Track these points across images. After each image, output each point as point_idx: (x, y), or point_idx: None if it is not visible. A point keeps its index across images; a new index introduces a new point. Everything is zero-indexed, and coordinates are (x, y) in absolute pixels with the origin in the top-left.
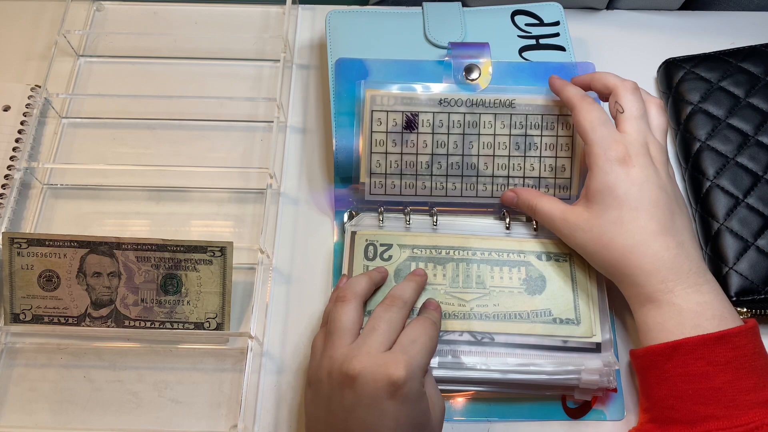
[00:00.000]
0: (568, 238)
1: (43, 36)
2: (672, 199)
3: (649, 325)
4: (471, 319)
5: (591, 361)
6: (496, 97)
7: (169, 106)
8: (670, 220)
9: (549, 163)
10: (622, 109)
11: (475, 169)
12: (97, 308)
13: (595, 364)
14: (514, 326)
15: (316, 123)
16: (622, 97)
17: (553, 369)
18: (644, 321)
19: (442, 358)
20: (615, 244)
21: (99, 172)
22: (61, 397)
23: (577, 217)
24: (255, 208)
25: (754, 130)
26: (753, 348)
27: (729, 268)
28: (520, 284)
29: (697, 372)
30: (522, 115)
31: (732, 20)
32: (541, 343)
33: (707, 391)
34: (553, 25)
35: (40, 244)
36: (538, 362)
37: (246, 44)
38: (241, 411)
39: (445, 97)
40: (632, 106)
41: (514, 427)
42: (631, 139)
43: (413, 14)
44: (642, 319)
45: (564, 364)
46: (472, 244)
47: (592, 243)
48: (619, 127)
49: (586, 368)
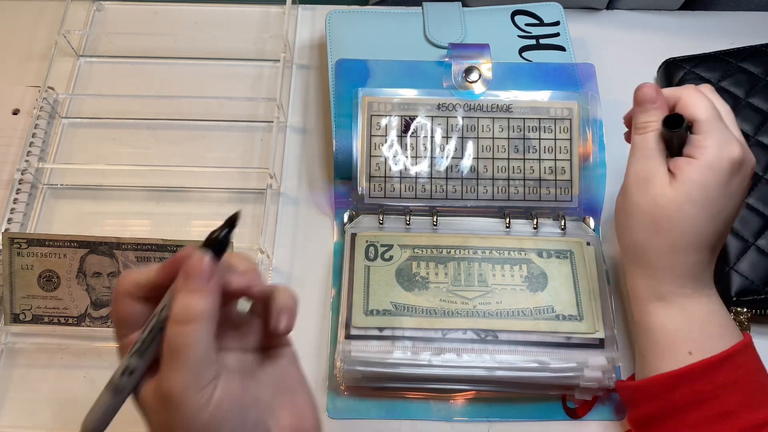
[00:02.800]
0: (634, 192)
1: (43, 36)
2: (734, 219)
3: (651, 325)
4: (474, 317)
5: (594, 358)
6: (493, 102)
7: (169, 106)
8: (723, 238)
9: (548, 165)
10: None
11: (475, 172)
12: (97, 308)
13: (599, 361)
14: (518, 323)
15: (316, 123)
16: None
17: (557, 366)
18: (647, 318)
19: (446, 356)
20: (669, 235)
21: (99, 172)
22: (61, 397)
23: (661, 188)
24: (255, 208)
25: (755, 130)
26: (754, 364)
27: (729, 268)
28: (522, 281)
29: (708, 397)
30: (520, 119)
31: (732, 20)
32: (545, 339)
33: (720, 416)
34: (553, 25)
35: (40, 244)
36: (542, 359)
37: (246, 44)
38: None
39: (443, 102)
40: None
41: (514, 427)
42: (745, 148)
43: (413, 14)
44: (645, 315)
45: (568, 360)
46: (473, 242)
47: (648, 217)
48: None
49: (590, 365)
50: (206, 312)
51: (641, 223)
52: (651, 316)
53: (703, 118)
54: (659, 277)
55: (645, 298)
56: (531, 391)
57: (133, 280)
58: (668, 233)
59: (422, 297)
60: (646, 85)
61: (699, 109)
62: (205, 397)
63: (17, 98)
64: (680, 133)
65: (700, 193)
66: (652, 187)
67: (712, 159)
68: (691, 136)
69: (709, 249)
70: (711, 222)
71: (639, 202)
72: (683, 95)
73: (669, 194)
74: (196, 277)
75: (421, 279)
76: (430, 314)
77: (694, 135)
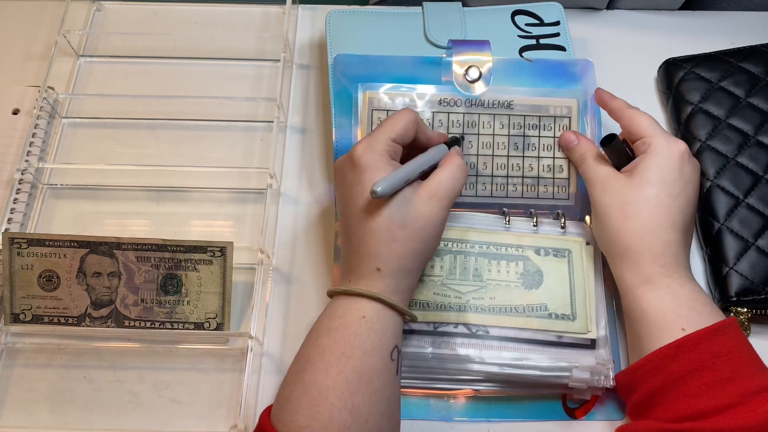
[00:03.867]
0: (596, 196)
1: (43, 36)
2: (695, 205)
3: (643, 308)
4: (466, 311)
5: (585, 358)
6: (494, 98)
7: (169, 106)
8: (690, 221)
9: (547, 163)
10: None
11: (474, 169)
12: (97, 308)
13: (588, 362)
14: (510, 320)
15: (316, 123)
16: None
17: (546, 365)
18: (638, 304)
19: (436, 349)
20: (638, 217)
21: (99, 172)
22: (61, 397)
23: (617, 182)
24: (255, 208)
25: (755, 130)
26: (744, 339)
27: (729, 268)
28: (517, 278)
29: (705, 366)
30: (520, 116)
31: (732, 20)
32: (536, 337)
33: (718, 383)
34: (554, 25)
35: (40, 244)
36: (531, 357)
37: (246, 44)
38: (241, 411)
39: (444, 98)
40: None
41: (514, 427)
42: (688, 147)
43: (413, 14)
44: (635, 302)
45: (557, 359)
46: (471, 236)
47: (615, 208)
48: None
49: (579, 365)
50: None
51: (611, 217)
52: (641, 300)
53: (647, 124)
54: (642, 261)
55: (632, 284)
56: (528, 390)
57: (419, 124)
58: (637, 215)
59: (416, 290)
60: (564, 134)
61: (642, 121)
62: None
63: (17, 98)
64: (617, 144)
65: (657, 175)
66: (610, 184)
67: (662, 150)
68: (638, 141)
69: (679, 229)
70: (674, 200)
71: (602, 201)
72: (627, 114)
73: (628, 183)
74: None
75: None
76: (422, 308)
77: (642, 138)
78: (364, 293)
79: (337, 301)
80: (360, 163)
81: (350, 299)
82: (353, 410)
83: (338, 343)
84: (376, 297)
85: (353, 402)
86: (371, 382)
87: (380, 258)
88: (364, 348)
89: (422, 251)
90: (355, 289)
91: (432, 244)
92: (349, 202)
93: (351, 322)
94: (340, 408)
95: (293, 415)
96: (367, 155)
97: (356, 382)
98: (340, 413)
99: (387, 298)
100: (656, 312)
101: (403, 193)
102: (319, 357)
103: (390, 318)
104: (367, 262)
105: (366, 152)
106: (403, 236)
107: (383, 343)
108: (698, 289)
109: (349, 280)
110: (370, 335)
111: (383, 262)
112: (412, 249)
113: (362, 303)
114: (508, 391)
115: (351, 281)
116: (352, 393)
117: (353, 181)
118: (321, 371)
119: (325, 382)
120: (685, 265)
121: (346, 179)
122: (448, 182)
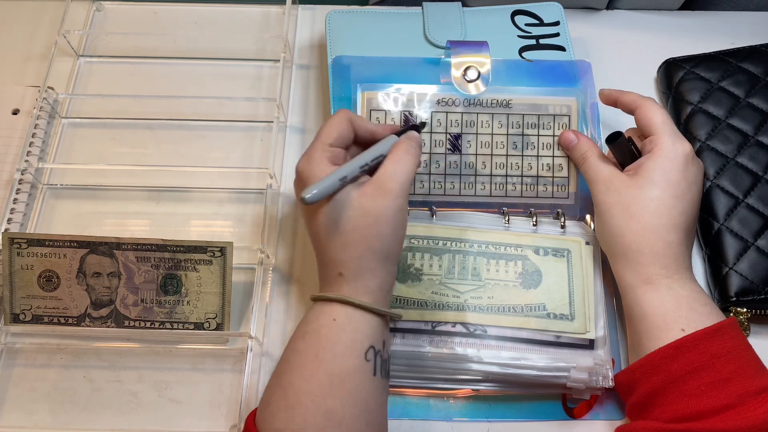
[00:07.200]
0: (599, 196)
1: (43, 36)
2: (698, 206)
3: (643, 308)
4: (464, 310)
5: (583, 359)
6: (493, 97)
7: (168, 106)
8: (693, 222)
9: (546, 162)
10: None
11: (473, 169)
12: (97, 308)
13: (586, 362)
14: (508, 319)
15: (316, 123)
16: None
17: (543, 365)
18: (638, 304)
19: (434, 348)
20: (641, 217)
21: (99, 172)
22: (61, 397)
23: (620, 182)
24: (255, 208)
25: (754, 130)
26: (743, 340)
27: (729, 268)
28: (516, 278)
29: (704, 366)
30: (519, 115)
31: (732, 20)
32: (534, 337)
33: (717, 383)
34: (553, 25)
35: (40, 244)
36: (529, 356)
37: (246, 44)
38: (241, 411)
39: (442, 97)
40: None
41: (514, 427)
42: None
43: (413, 14)
44: (635, 302)
45: (555, 360)
46: (470, 236)
47: (618, 208)
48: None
49: (577, 366)
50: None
51: (613, 216)
52: (642, 300)
53: (659, 121)
54: (643, 261)
55: (633, 284)
56: (527, 390)
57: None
58: (640, 215)
59: (414, 289)
60: (564, 133)
61: (655, 114)
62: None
63: (17, 98)
64: (622, 142)
65: (661, 176)
66: (613, 183)
67: (667, 150)
68: (646, 140)
69: (681, 230)
70: (678, 202)
71: (605, 200)
72: (641, 104)
73: (632, 183)
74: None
75: (415, 271)
76: (420, 306)
77: (651, 136)
78: (332, 297)
79: (314, 307)
80: (302, 176)
81: (324, 304)
82: (327, 413)
83: (312, 346)
84: (343, 300)
85: (327, 405)
86: (343, 384)
87: (340, 263)
88: (335, 350)
89: (380, 248)
90: (324, 295)
91: (391, 239)
92: (304, 216)
93: (323, 325)
94: (314, 411)
95: (272, 417)
96: (306, 167)
97: (328, 385)
98: (314, 417)
99: (355, 300)
100: (656, 312)
101: (341, 195)
102: (295, 360)
103: (362, 319)
104: (330, 268)
105: (305, 164)
106: (356, 237)
107: (355, 345)
108: (699, 289)
109: (321, 287)
110: (340, 337)
111: (343, 267)
112: (368, 248)
113: (333, 306)
114: (507, 390)
115: (323, 288)
116: (325, 396)
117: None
118: (297, 374)
119: (301, 386)
120: (686, 266)
121: (297, 195)
122: (394, 172)
